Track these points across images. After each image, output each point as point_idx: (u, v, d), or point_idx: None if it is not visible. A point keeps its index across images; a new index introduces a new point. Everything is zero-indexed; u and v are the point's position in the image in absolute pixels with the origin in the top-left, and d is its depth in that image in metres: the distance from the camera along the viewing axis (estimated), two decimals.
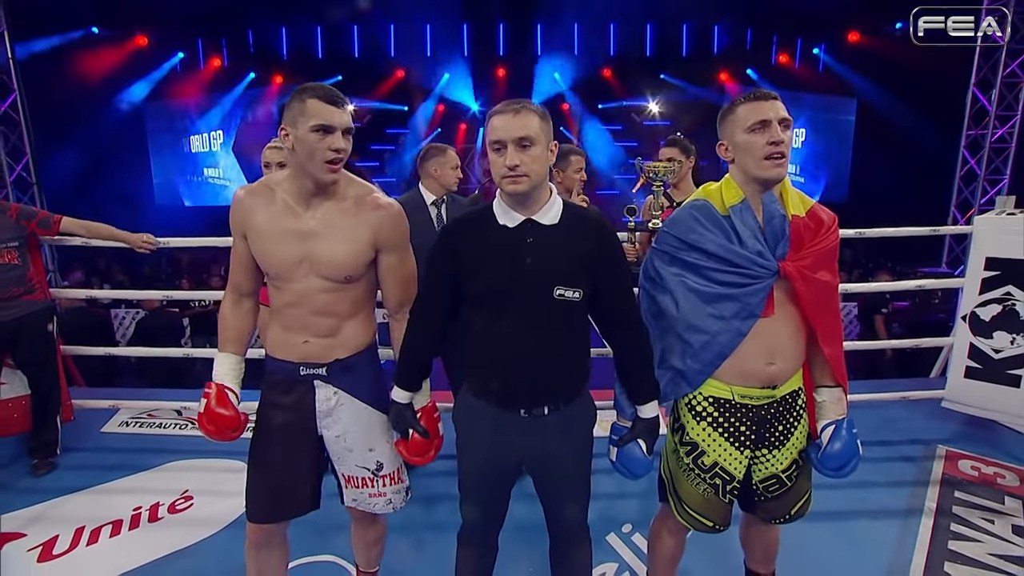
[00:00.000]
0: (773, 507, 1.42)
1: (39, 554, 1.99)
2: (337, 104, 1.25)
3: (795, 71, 10.67)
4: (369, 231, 1.34)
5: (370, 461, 1.44)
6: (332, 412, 1.40)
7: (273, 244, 1.31)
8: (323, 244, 1.31)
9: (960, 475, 2.44)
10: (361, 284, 1.38)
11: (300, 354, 1.36)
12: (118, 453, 2.70)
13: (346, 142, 1.27)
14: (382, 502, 1.49)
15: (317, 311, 1.34)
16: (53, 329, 2.55)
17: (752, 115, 1.26)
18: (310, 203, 1.32)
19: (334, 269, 1.32)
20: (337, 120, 1.25)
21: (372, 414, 1.43)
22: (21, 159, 6.16)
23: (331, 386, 1.39)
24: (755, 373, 1.32)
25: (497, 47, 10.91)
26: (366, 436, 1.43)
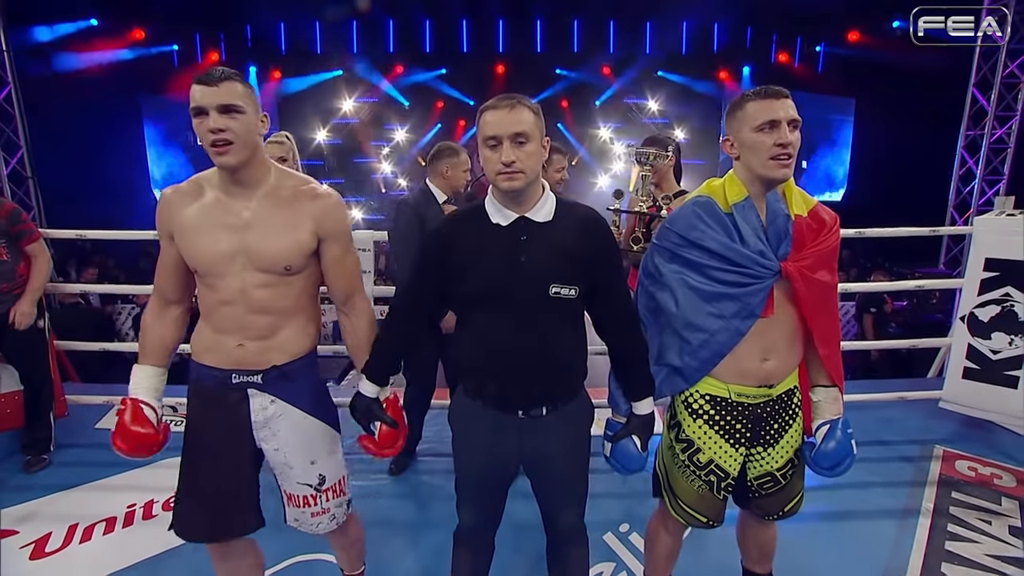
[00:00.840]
0: (767, 504, 1.43)
1: (31, 551, 1.98)
2: (209, 83, 1.17)
3: (794, 70, 10.67)
4: (310, 220, 1.27)
5: (312, 476, 1.36)
6: (269, 423, 1.31)
7: (203, 238, 1.23)
8: (260, 235, 1.24)
9: (957, 476, 2.44)
10: (301, 278, 1.30)
11: (233, 359, 1.27)
12: (112, 450, 2.67)
13: (230, 120, 1.17)
14: (325, 520, 1.40)
15: (255, 309, 1.25)
16: (44, 325, 2.53)
17: (762, 114, 1.24)
18: (241, 195, 1.25)
19: (272, 260, 1.24)
20: (205, 100, 1.16)
21: (313, 424, 1.35)
22: (16, 152, 6.10)
23: (267, 395, 1.29)
24: (751, 372, 1.32)
25: (497, 43, 10.88)
26: (307, 448, 1.34)
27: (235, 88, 1.19)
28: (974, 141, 6.34)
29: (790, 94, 1.26)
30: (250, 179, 1.25)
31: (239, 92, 1.19)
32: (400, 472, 2.50)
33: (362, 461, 2.48)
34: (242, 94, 1.19)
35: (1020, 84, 5.90)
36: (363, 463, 2.50)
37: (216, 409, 1.30)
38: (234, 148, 1.18)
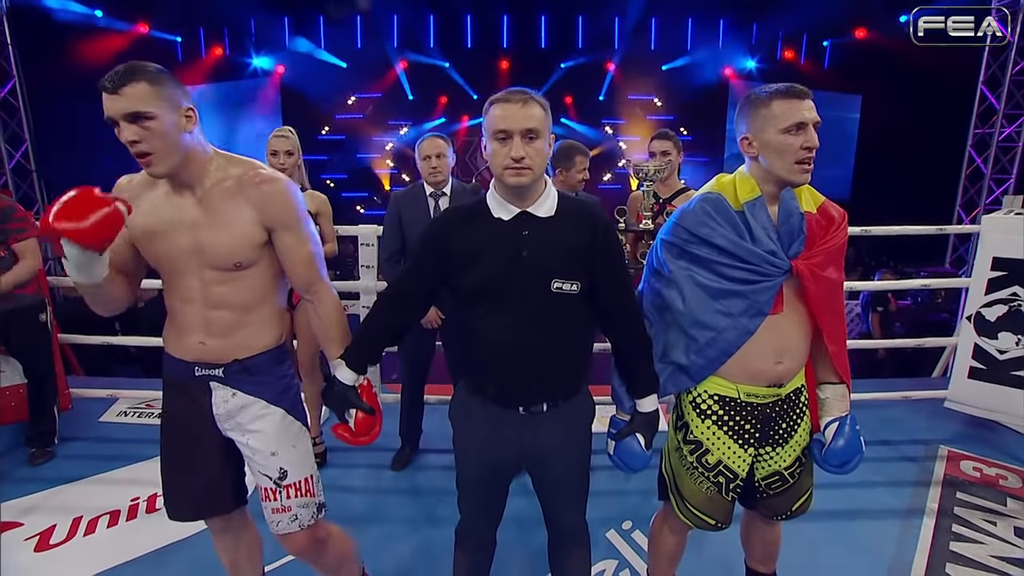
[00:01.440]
0: (775, 504, 1.41)
1: (36, 543, 1.99)
2: (110, 90, 1.07)
3: (800, 67, 10.59)
4: (253, 210, 1.21)
5: (272, 468, 1.31)
6: (232, 415, 1.29)
7: (160, 240, 1.20)
8: (209, 232, 1.20)
9: (962, 476, 2.42)
10: (257, 272, 1.26)
11: (196, 355, 1.26)
12: (116, 443, 2.69)
13: (142, 129, 1.09)
14: (286, 519, 1.32)
15: (213, 305, 1.23)
16: (46, 319, 2.53)
17: (790, 115, 1.20)
18: (188, 192, 1.21)
19: (222, 256, 1.20)
20: (111, 110, 1.08)
21: (276, 413, 1.31)
22: (20, 146, 6.11)
23: (228, 388, 1.28)
24: (763, 372, 1.31)
25: (501, 38, 10.83)
26: (267, 438, 1.30)
27: (139, 91, 1.08)
28: (982, 139, 6.28)
29: (812, 94, 1.23)
30: (190, 178, 1.21)
31: (144, 95, 1.08)
32: (402, 468, 2.50)
33: (363, 457, 2.49)
34: (148, 95, 1.09)
35: None
36: (364, 459, 2.50)
37: (183, 398, 1.31)
38: (156, 158, 1.12)
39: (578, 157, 2.43)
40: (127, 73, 1.08)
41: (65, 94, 8.06)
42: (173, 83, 1.15)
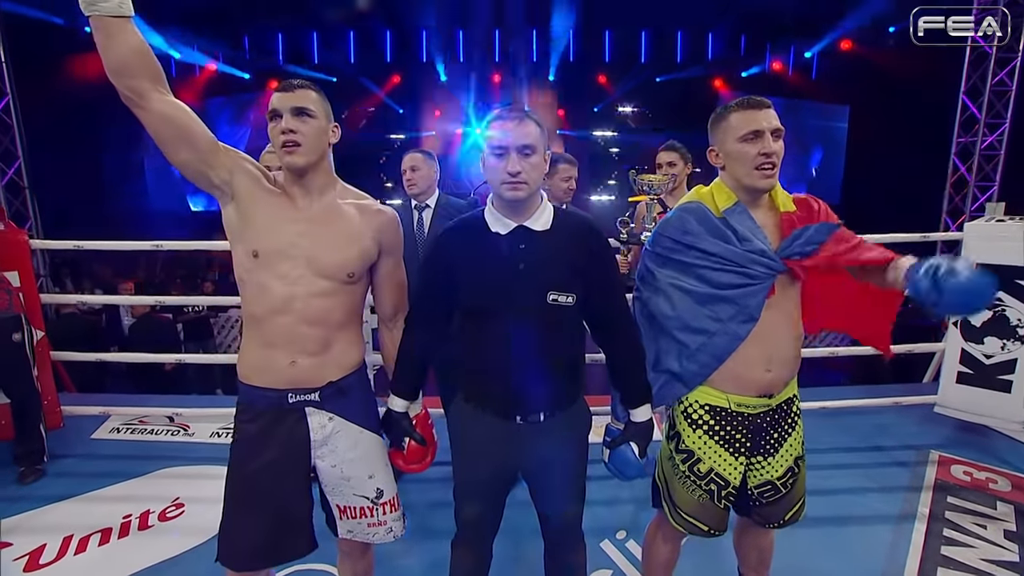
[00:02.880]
0: (768, 512, 1.42)
1: (26, 563, 1.96)
2: (286, 89, 1.22)
3: (788, 78, 10.79)
4: (374, 231, 1.30)
5: (370, 489, 1.35)
6: (328, 441, 1.29)
7: (269, 221, 1.21)
8: (325, 240, 1.24)
9: (953, 480, 2.45)
10: (357, 289, 1.32)
11: (287, 378, 1.23)
12: (108, 460, 2.67)
13: (301, 123, 1.20)
14: (382, 531, 1.39)
15: (309, 320, 1.22)
16: (22, 338, 2.49)
17: (745, 124, 1.26)
18: (305, 197, 1.26)
19: (338, 266, 1.24)
20: (280, 104, 1.21)
21: (370, 438, 1.35)
22: (13, 163, 6.11)
23: (325, 412, 1.27)
24: (753, 381, 1.33)
25: (494, 53, 10.98)
26: (365, 463, 1.33)
27: (309, 95, 1.23)
28: (966, 148, 6.40)
29: (772, 104, 1.28)
30: (315, 185, 1.27)
31: (312, 98, 1.23)
32: (396, 480, 2.49)
33: None
34: (315, 100, 1.23)
35: (1009, 91, 5.98)
36: None
37: (272, 431, 1.25)
38: (302, 149, 1.20)
39: (561, 165, 2.45)
40: (303, 83, 1.24)
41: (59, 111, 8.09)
42: (329, 105, 1.29)
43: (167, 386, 4.76)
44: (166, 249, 2.83)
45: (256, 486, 1.26)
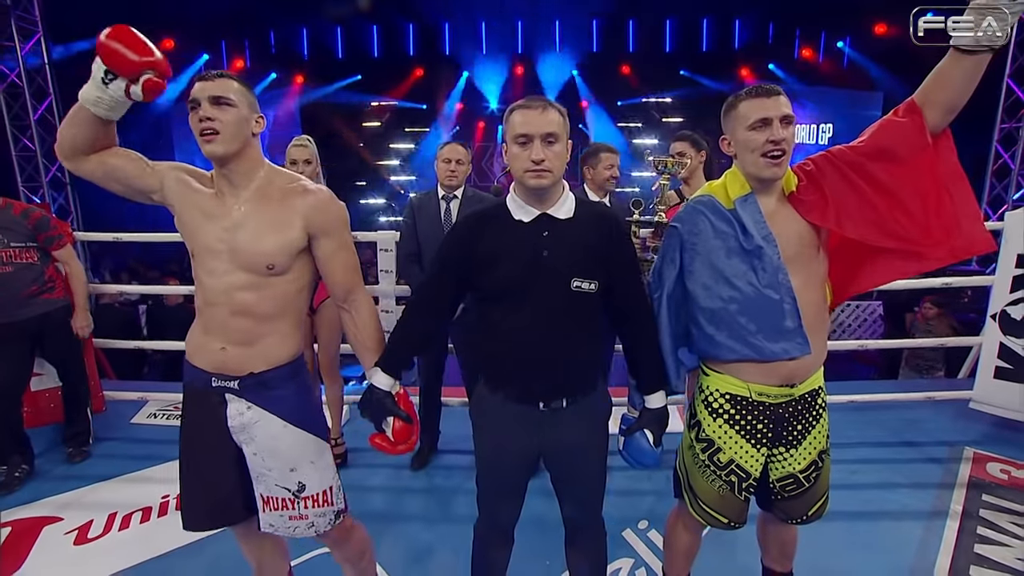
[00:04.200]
0: (790, 507, 1.41)
1: (75, 537, 2.09)
2: (205, 78, 1.22)
3: (819, 65, 10.45)
4: (299, 217, 1.27)
5: (291, 482, 1.33)
6: (246, 428, 1.30)
7: (200, 226, 1.25)
8: (248, 234, 1.24)
9: (988, 478, 2.37)
10: (285, 281, 1.29)
11: (215, 363, 1.28)
12: (147, 443, 2.79)
13: (219, 111, 1.20)
14: (303, 525, 1.36)
15: (237, 311, 1.25)
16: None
17: (754, 112, 1.24)
18: (232, 194, 1.27)
19: (257, 258, 1.24)
20: (199, 92, 1.21)
21: (295, 433, 1.32)
22: (56, 160, 6.38)
23: (243, 400, 1.29)
24: (774, 369, 1.31)
25: (516, 45, 10.92)
26: (286, 456, 1.32)
27: (229, 84, 1.23)
28: (1009, 134, 6.13)
29: (783, 91, 1.25)
30: (239, 175, 1.27)
31: (232, 87, 1.23)
32: (421, 467, 2.55)
33: (384, 458, 2.54)
34: (235, 90, 1.23)
35: None
36: (385, 460, 2.54)
37: (201, 408, 1.32)
38: (220, 138, 1.21)
39: (603, 154, 2.44)
40: (223, 72, 1.25)
41: None
42: (253, 94, 1.30)
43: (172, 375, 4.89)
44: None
45: (191, 459, 1.35)
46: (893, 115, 1.25)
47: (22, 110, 6.21)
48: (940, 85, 1.21)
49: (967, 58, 1.15)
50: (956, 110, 1.21)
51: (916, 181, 1.24)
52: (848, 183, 1.27)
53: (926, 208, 1.24)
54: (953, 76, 1.19)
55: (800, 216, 1.29)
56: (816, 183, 1.28)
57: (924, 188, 1.24)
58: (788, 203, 1.30)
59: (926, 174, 1.24)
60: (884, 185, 1.25)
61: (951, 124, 1.25)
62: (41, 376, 2.68)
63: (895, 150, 1.23)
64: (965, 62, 1.16)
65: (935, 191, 1.24)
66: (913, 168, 1.23)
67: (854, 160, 1.26)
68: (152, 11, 8.95)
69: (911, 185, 1.24)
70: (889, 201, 1.25)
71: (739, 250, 1.28)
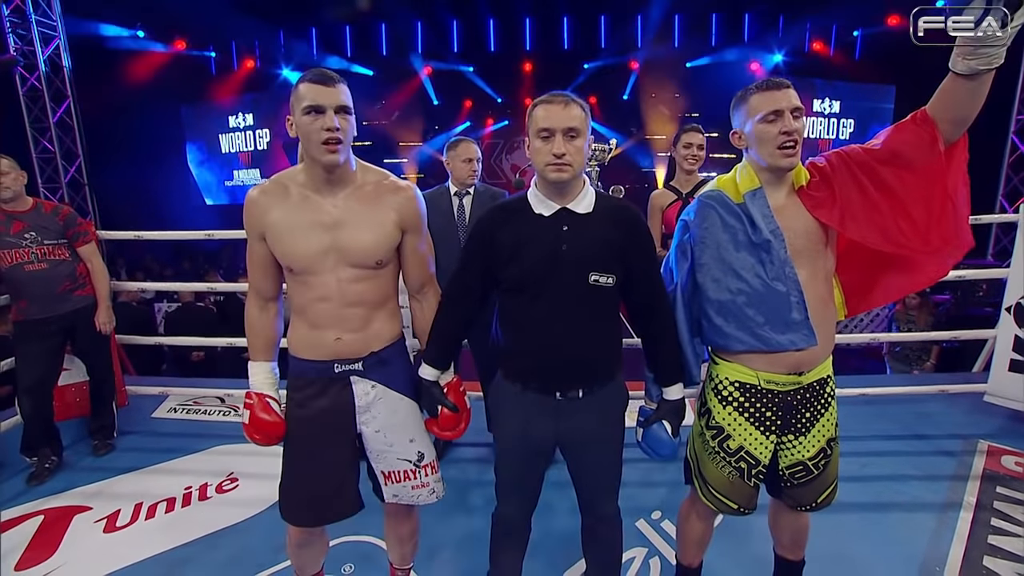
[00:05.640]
0: (799, 494, 1.43)
1: (104, 526, 2.16)
2: (327, 83, 1.23)
3: (830, 58, 10.32)
4: (394, 213, 1.34)
5: (412, 452, 1.43)
6: (371, 407, 1.38)
7: (296, 238, 1.28)
8: (350, 232, 1.29)
9: (1003, 471, 2.37)
10: (389, 269, 1.37)
11: (333, 352, 1.33)
12: (168, 437, 2.87)
13: (342, 120, 1.24)
14: (425, 492, 1.47)
15: (349, 303, 1.31)
16: None
17: (765, 104, 1.26)
18: (328, 192, 1.30)
19: (364, 255, 1.30)
20: (325, 99, 1.22)
21: (410, 405, 1.43)
22: (74, 161, 6.51)
23: (368, 380, 1.36)
24: (781, 358, 1.33)
25: (524, 41, 10.91)
26: (406, 427, 1.42)
27: (346, 91, 1.26)
28: None
29: (791, 84, 1.27)
30: (342, 177, 1.31)
31: (348, 94, 1.26)
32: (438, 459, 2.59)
33: None
34: (350, 96, 1.27)
35: None
36: None
37: (319, 399, 1.35)
38: (342, 147, 1.25)
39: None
40: (334, 74, 1.25)
41: (113, 111, 8.53)
42: None
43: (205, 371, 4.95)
44: (216, 239, 2.99)
45: (307, 449, 1.37)
46: (910, 121, 1.26)
47: (42, 112, 6.33)
48: (944, 104, 1.22)
49: (968, 81, 1.17)
50: (967, 123, 1.23)
51: (924, 188, 1.26)
52: (857, 184, 1.29)
53: (929, 216, 1.26)
54: (956, 96, 1.20)
55: (808, 211, 1.31)
56: (827, 180, 1.30)
57: (930, 196, 1.26)
58: (797, 198, 1.32)
59: (934, 183, 1.25)
60: (892, 189, 1.27)
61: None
62: (68, 371, 2.75)
63: (907, 156, 1.25)
64: (966, 84, 1.18)
65: (940, 200, 1.26)
66: (923, 176, 1.25)
67: (866, 162, 1.28)
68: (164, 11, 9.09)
69: (918, 192, 1.26)
70: (894, 205, 1.27)
71: (747, 243, 1.31)
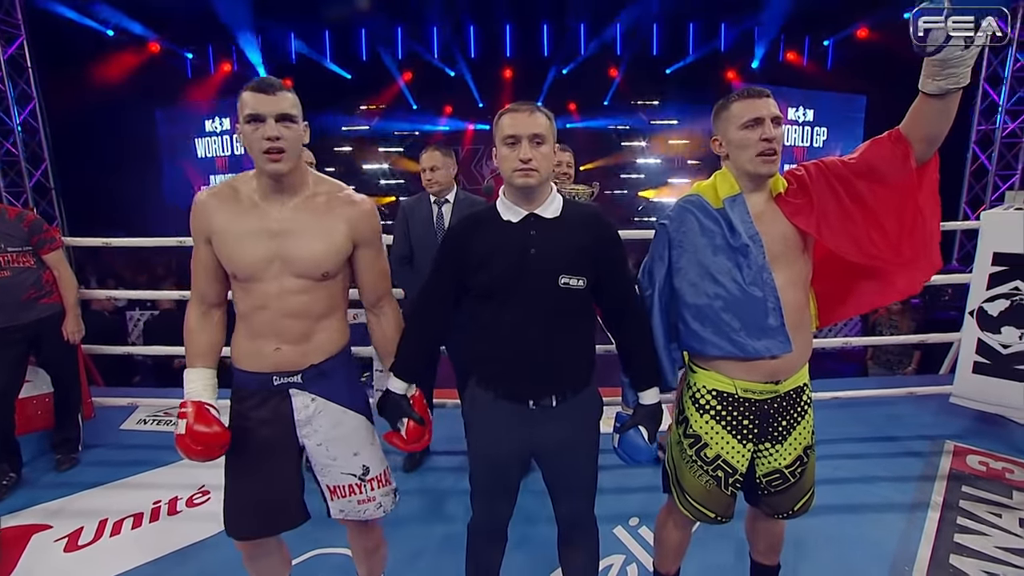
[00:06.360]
0: (776, 502, 1.44)
1: (65, 544, 2.07)
2: (267, 91, 1.19)
3: (803, 68, 10.61)
4: (345, 225, 1.31)
5: (356, 466, 1.39)
6: (311, 420, 1.34)
7: (242, 244, 1.25)
8: (296, 241, 1.26)
9: (968, 470, 2.44)
10: (336, 282, 1.34)
11: (272, 363, 1.30)
12: (137, 449, 2.77)
13: (285, 129, 1.20)
14: (372, 507, 1.43)
15: (290, 313, 1.28)
16: None
17: (746, 112, 1.29)
18: (277, 200, 1.27)
19: (309, 266, 1.27)
20: (265, 107, 1.19)
21: (353, 418, 1.39)
22: (40, 165, 6.30)
23: (308, 393, 1.33)
24: (757, 366, 1.35)
25: (504, 48, 10.96)
26: (349, 441, 1.38)
27: (289, 98, 1.23)
28: (986, 135, 6.28)
29: (771, 93, 1.31)
30: (291, 186, 1.28)
31: (292, 102, 1.23)
32: (413, 469, 2.56)
33: None
34: (294, 104, 1.24)
35: None
36: None
37: (259, 411, 1.33)
38: (286, 156, 1.22)
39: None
40: (279, 83, 1.22)
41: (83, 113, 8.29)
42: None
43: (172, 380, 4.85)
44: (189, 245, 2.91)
45: (249, 462, 1.34)
46: (886, 138, 1.31)
47: (6, 114, 6.13)
48: (916, 123, 1.28)
49: (937, 101, 1.23)
50: (937, 142, 1.29)
51: (896, 202, 1.31)
52: (834, 194, 1.32)
53: (901, 228, 1.31)
54: (927, 115, 1.26)
55: (786, 218, 1.33)
56: (805, 189, 1.33)
57: (902, 210, 1.31)
58: (775, 204, 1.34)
59: (906, 197, 1.30)
60: (866, 202, 1.31)
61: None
62: (31, 382, 2.65)
63: (881, 171, 1.30)
64: (935, 103, 1.23)
65: (912, 214, 1.31)
66: (895, 190, 1.30)
67: (843, 173, 1.32)
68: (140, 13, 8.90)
69: (891, 205, 1.31)
70: (868, 217, 1.32)
71: (725, 248, 1.32)
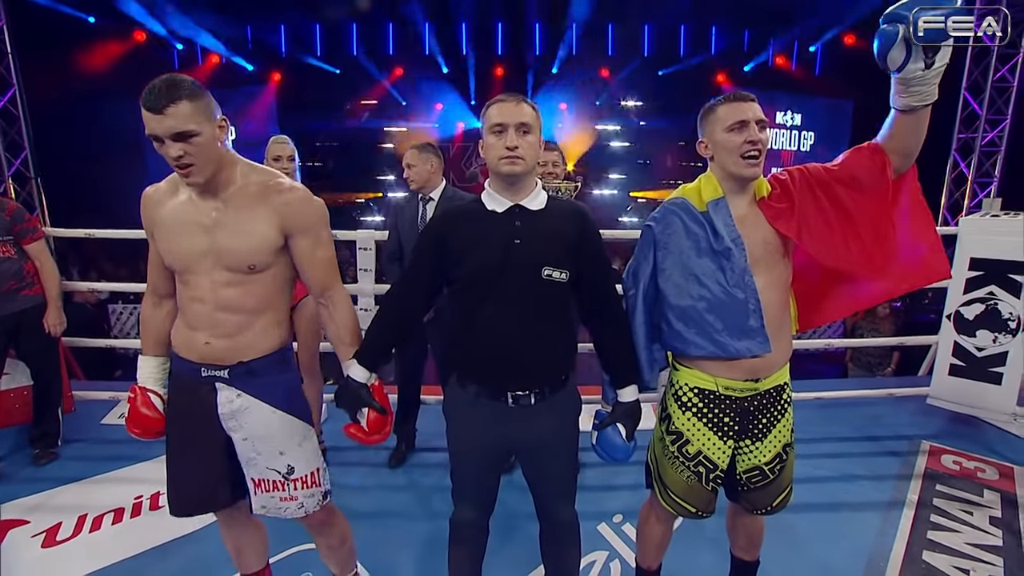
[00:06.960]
0: (756, 498, 1.47)
1: (43, 540, 2.04)
2: (155, 110, 1.13)
3: (792, 73, 10.76)
4: (275, 216, 1.28)
5: (280, 464, 1.37)
6: (236, 415, 1.33)
7: (178, 237, 1.27)
8: (227, 234, 1.26)
9: (943, 469, 2.51)
10: (268, 276, 1.31)
11: (201, 355, 1.31)
12: (118, 444, 2.73)
13: (187, 145, 1.16)
14: (293, 506, 1.40)
15: (222, 307, 1.28)
16: None
17: (731, 115, 1.32)
18: (210, 194, 1.27)
19: (237, 259, 1.26)
20: (157, 128, 1.14)
21: (283, 418, 1.36)
22: (20, 154, 6.16)
23: (233, 389, 1.32)
24: (738, 365, 1.37)
25: (495, 47, 10.95)
26: (274, 440, 1.36)
27: (183, 110, 1.14)
28: (966, 144, 6.42)
29: (756, 98, 1.34)
30: (216, 185, 1.27)
31: (187, 114, 1.14)
32: (398, 465, 2.56)
33: (362, 456, 2.56)
34: (191, 115, 1.15)
35: (1010, 88, 5.99)
36: (363, 458, 2.56)
37: (190, 399, 1.35)
38: (196, 168, 1.20)
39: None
40: (169, 92, 1.13)
41: (63, 101, 8.12)
42: (208, 96, 1.21)
43: None
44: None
45: (180, 445, 1.38)
46: (866, 147, 1.35)
47: None
48: (891, 137, 1.32)
49: (907, 116, 1.28)
50: (913, 155, 1.34)
51: (873, 212, 1.35)
52: (815, 200, 1.36)
53: (876, 237, 1.36)
54: (899, 129, 1.31)
55: (768, 222, 1.36)
56: (788, 193, 1.36)
57: (878, 218, 1.35)
58: (758, 208, 1.37)
59: (883, 207, 1.35)
60: (847, 209, 1.35)
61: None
62: (9, 375, 2.60)
63: (861, 179, 1.34)
64: (906, 119, 1.28)
65: (885, 222, 1.36)
66: (872, 199, 1.34)
67: (824, 180, 1.36)
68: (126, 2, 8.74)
69: (869, 214, 1.35)
70: (845, 224, 1.36)
71: (709, 250, 1.35)
